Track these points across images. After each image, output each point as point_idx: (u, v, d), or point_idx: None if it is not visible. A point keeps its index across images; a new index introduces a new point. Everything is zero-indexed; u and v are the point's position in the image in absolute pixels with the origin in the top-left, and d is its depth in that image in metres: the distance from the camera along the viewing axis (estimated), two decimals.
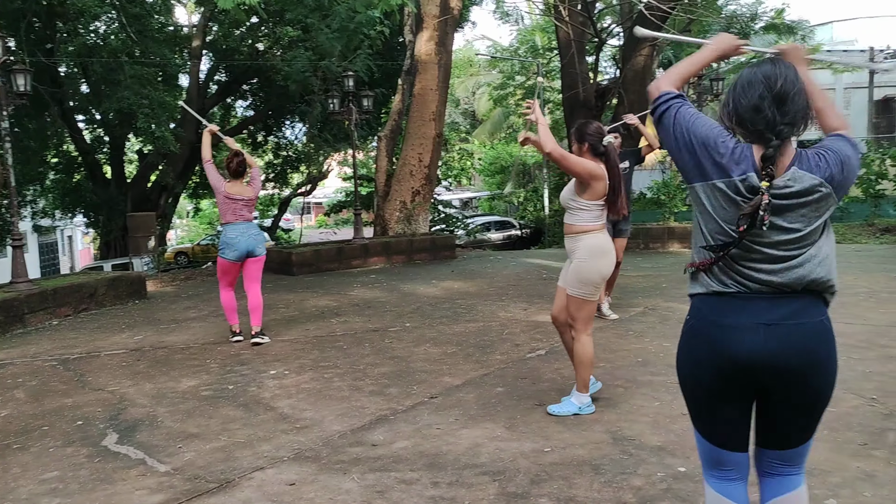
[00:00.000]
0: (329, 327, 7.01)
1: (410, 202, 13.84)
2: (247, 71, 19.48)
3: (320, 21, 14.28)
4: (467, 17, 21.52)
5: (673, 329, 6.17)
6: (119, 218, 19.11)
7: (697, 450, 2.22)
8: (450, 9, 13.75)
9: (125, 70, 14.07)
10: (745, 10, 21.34)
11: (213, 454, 3.74)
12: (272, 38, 18.16)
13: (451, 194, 36.40)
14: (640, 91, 14.92)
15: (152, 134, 14.80)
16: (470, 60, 36.83)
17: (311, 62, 14.47)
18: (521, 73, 31.26)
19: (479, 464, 3.46)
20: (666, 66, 25.28)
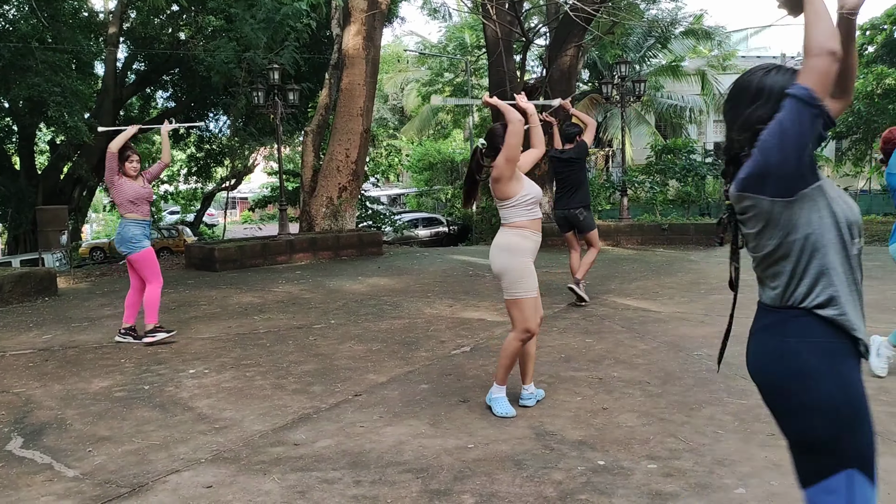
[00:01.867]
0: (252, 325, 6.86)
1: (337, 198, 13.70)
2: (167, 60, 18.86)
3: (245, 11, 13.95)
4: (396, 12, 21.41)
5: (595, 325, 6.31)
6: (28, 211, 18.17)
7: None
8: (378, 3, 13.66)
9: (36, 56, 13.39)
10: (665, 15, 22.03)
11: (126, 457, 3.60)
12: (194, 27, 17.62)
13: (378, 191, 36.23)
14: (566, 90, 15.19)
15: (65, 123, 14.13)
16: (399, 56, 36.73)
17: (236, 53, 14.12)
18: (449, 70, 31.39)
19: (403, 461, 3.45)
20: (591, 66, 25.84)
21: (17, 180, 18.96)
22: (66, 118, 13.98)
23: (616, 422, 3.87)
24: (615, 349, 5.45)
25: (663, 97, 27.11)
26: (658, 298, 7.50)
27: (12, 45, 13.59)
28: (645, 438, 3.61)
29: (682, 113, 27.44)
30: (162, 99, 23.83)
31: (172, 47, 18.00)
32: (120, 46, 18.16)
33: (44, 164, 21.77)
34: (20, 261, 16.46)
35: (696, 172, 15.57)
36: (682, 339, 5.66)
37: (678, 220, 14.00)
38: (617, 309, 7.02)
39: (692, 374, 4.70)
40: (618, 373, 4.80)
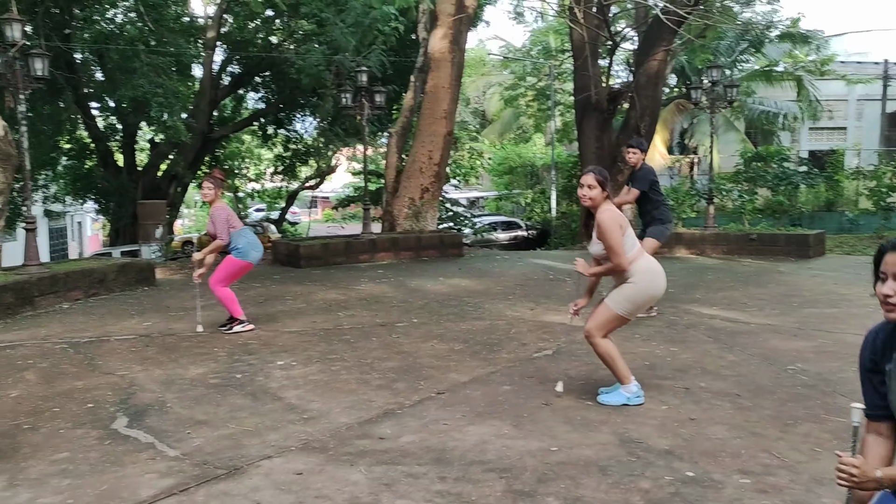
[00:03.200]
0: (336, 320, 7.03)
1: (419, 199, 13.85)
2: (260, 63, 19.50)
3: (335, 15, 14.29)
4: (481, 16, 21.48)
5: (680, 334, 6.17)
6: (129, 205, 19.16)
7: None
8: (465, 7, 13.75)
9: (141, 58, 14.11)
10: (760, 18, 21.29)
11: (222, 441, 3.77)
12: (287, 32, 18.18)
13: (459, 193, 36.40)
14: (653, 96, 14.91)
15: (164, 123, 14.83)
16: (482, 60, 36.81)
17: (325, 56, 14.49)
18: (532, 75, 31.25)
19: (486, 460, 3.47)
20: (678, 71, 25.24)
21: (119, 176, 20.01)
22: (165, 118, 14.66)
23: (705, 433, 3.78)
24: (702, 359, 5.32)
25: (755, 103, 26.17)
26: (746, 309, 7.27)
27: (119, 48, 14.36)
28: (736, 452, 3.51)
29: (775, 119, 26.41)
30: (253, 100, 24.65)
31: (265, 50, 18.62)
32: (217, 50, 18.91)
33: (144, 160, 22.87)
34: (120, 252, 17.38)
35: (790, 181, 14.99)
36: (773, 353, 5.47)
37: (768, 229, 13.51)
38: (702, 318, 6.84)
39: (786, 388, 4.54)
40: (705, 383, 4.69)
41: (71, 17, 15.44)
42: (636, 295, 4.16)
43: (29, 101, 8.56)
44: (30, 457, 3.60)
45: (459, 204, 24.06)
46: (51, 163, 19.79)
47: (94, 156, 21.29)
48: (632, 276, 4.14)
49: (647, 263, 4.21)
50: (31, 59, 8.18)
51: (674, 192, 17.68)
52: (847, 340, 5.69)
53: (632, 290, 4.15)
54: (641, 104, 14.38)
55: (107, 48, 14.89)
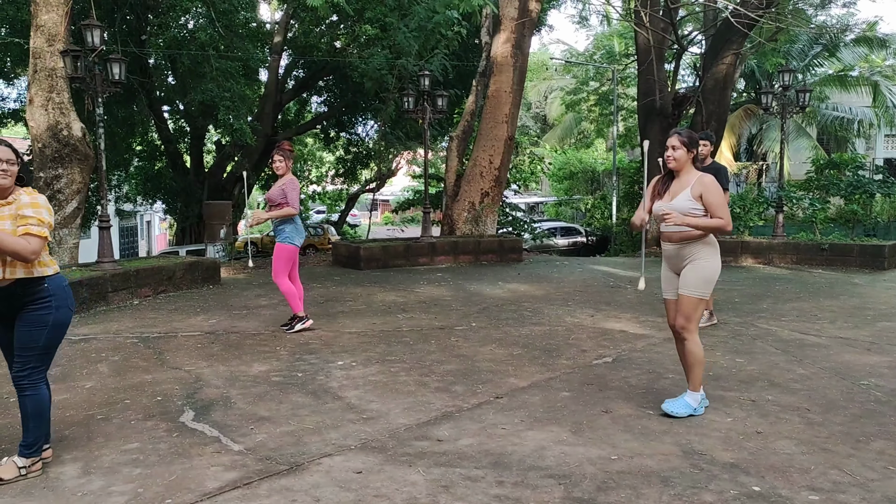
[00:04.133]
0: (395, 322, 7.08)
1: (479, 203, 13.87)
2: (324, 67, 19.88)
3: (399, 20, 14.45)
4: (544, 20, 21.40)
5: (746, 345, 6.00)
6: (195, 205, 19.78)
7: None
8: (528, 11, 13.72)
9: (211, 63, 14.56)
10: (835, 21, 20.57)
11: (284, 438, 3.84)
12: (350, 36, 18.46)
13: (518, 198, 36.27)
14: (720, 100, 14.57)
15: (231, 126, 15.26)
16: (544, 64, 36.65)
17: (388, 60, 14.66)
18: (595, 79, 30.93)
19: (545, 466, 3.44)
20: (747, 76, 24.59)
21: (186, 176, 20.67)
22: (232, 121, 15.08)
23: (772, 447, 3.67)
24: (769, 371, 5.16)
25: (828, 108, 25.29)
26: (817, 322, 7.02)
27: (192, 53, 14.84)
28: (805, 468, 3.39)
29: (849, 126, 25.47)
30: (316, 104, 25.13)
31: (329, 55, 18.96)
32: (282, 54, 19.35)
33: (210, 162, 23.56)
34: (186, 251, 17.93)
35: (865, 190, 14.41)
36: (845, 367, 5.26)
37: (841, 239, 13.02)
38: (770, 330, 6.63)
39: (858, 404, 4.37)
40: (772, 396, 4.55)
41: (146, 23, 16.05)
42: (712, 273, 4.14)
43: (106, 104, 8.92)
44: (102, 446, 3.74)
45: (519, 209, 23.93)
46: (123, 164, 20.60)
47: (163, 157, 22.06)
48: (699, 254, 4.12)
49: (712, 239, 4.22)
50: (109, 64, 8.52)
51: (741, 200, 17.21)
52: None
53: (706, 268, 4.12)
54: (708, 109, 14.07)
55: (179, 53, 15.41)
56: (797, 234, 13.60)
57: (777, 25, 14.24)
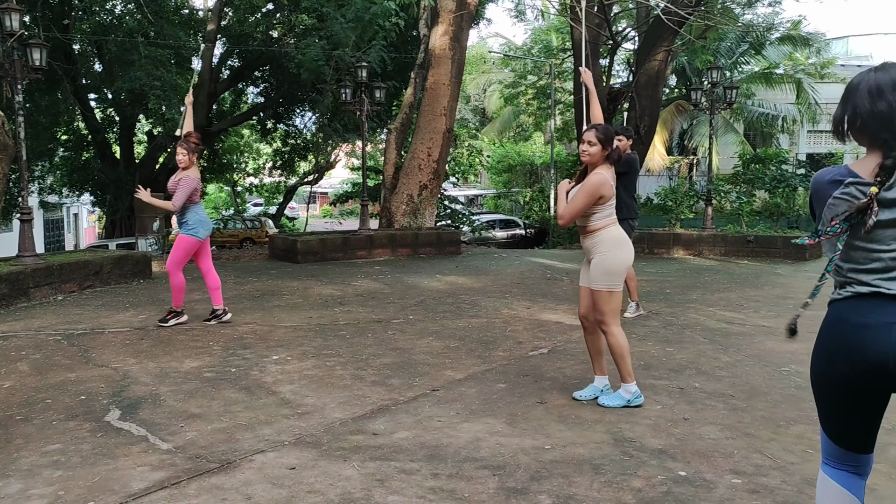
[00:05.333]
0: (332, 316, 7.02)
1: (417, 196, 13.85)
2: (260, 57, 19.49)
3: (336, 10, 14.27)
4: (482, 13, 21.48)
5: (676, 334, 6.18)
6: (126, 198, 19.15)
7: (821, 438, 2.19)
8: (466, 4, 13.74)
9: (140, 50, 14.09)
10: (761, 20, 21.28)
11: (215, 435, 3.76)
12: (287, 26, 18.17)
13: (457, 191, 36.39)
14: (652, 96, 14.91)
15: (163, 116, 14.83)
16: (483, 57, 36.78)
17: (325, 51, 14.47)
18: (533, 73, 31.23)
19: (480, 458, 3.47)
20: (679, 72, 25.24)
21: (116, 168, 19.99)
22: (164, 110, 14.65)
23: (698, 433, 3.78)
24: (697, 359, 5.32)
25: (754, 105, 26.18)
26: (742, 311, 7.27)
27: (118, 40, 14.33)
28: (729, 452, 3.51)
29: (774, 122, 26.43)
30: (252, 94, 24.64)
31: (265, 44, 18.60)
32: (217, 43, 18.88)
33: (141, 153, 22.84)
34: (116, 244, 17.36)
35: (788, 184, 15.00)
36: (768, 354, 5.47)
37: (765, 231, 13.52)
38: (699, 319, 6.84)
39: (779, 390, 4.55)
40: (699, 384, 4.69)
41: (70, 7, 15.40)
42: (614, 265, 4.15)
43: (27, 91, 8.56)
44: (22, 448, 3.59)
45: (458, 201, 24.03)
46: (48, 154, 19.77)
47: (91, 147, 21.28)
48: (604, 248, 4.15)
49: (613, 233, 4.19)
50: (29, 50, 8.15)
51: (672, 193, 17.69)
52: None
53: (608, 261, 4.14)
54: (641, 104, 14.38)
55: (105, 40, 14.86)
56: (725, 227, 14.07)
57: (706, 24, 14.66)
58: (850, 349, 1.95)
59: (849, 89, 2.04)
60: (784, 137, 28.29)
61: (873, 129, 1.96)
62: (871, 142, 1.99)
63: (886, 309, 1.93)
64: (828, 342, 2.03)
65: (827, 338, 2.03)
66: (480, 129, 36.81)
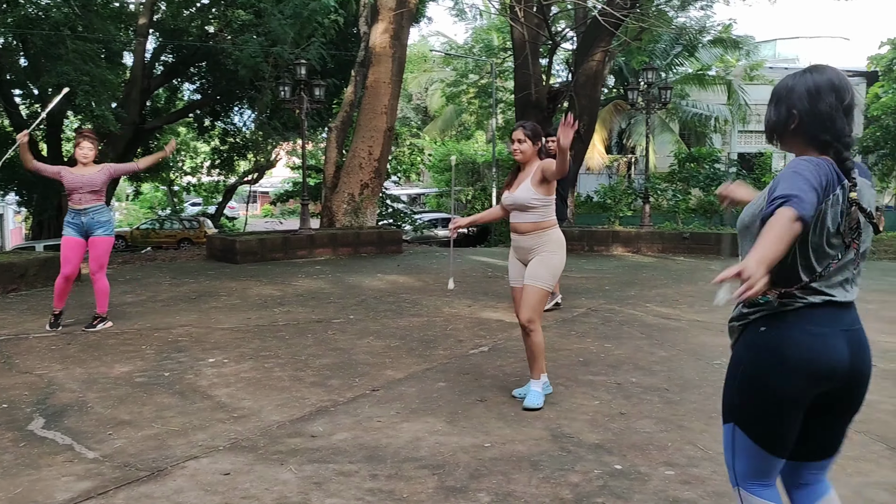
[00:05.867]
0: (271, 317, 6.90)
1: (359, 195, 13.74)
2: (195, 53, 19.01)
3: (273, 6, 14.03)
4: (423, 12, 21.46)
5: (614, 330, 6.28)
6: (54, 197, 18.39)
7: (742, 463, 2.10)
8: (406, 2, 13.70)
9: (66, 44, 13.56)
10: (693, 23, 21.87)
11: (145, 442, 3.64)
12: (223, 21, 17.75)
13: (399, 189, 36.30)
14: (591, 95, 15.15)
15: (92, 112, 14.29)
16: (424, 56, 36.78)
17: (263, 48, 14.20)
18: (474, 72, 31.38)
19: (419, 457, 3.45)
20: (616, 72, 25.73)
21: None
22: (93, 107, 14.13)
23: (634, 427, 3.85)
24: (634, 355, 5.42)
25: (688, 105, 26.91)
26: (678, 306, 7.45)
27: (44, 33, 13.77)
28: (663, 445, 3.58)
29: (707, 122, 27.23)
30: (188, 91, 24.04)
31: (201, 40, 18.16)
32: (149, 37, 18.34)
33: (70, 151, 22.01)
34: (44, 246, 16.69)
35: (721, 182, 15.43)
36: (701, 348, 5.62)
37: (700, 228, 13.90)
38: (636, 315, 6.98)
39: (711, 382, 4.66)
40: (636, 378, 4.78)
41: None
42: (558, 266, 4.21)
43: None
44: None
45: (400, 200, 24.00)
46: None
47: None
48: (544, 245, 4.18)
49: (559, 233, 4.27)
50: None
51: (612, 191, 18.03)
52: None
53: (554, 261, 4.18)
54: (580, 104, 14.58)
55: (31, 33, 14.25)
56: (662, 224, 14.41)
57: (641, 25, 14.97)
58: (811, 358, 1.93)
59: (781, 92, 2.03)
60: (717, 137, 29.17)
61: (813, 131, 1.95)
62: (807, 144, 1.97)
63: (838, 316, 1.96)
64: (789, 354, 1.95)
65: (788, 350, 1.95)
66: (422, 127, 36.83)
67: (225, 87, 19.78)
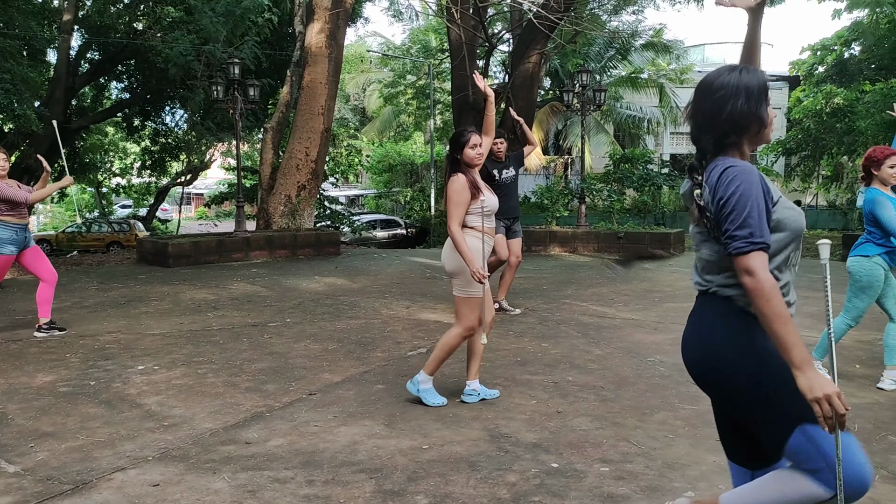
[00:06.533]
0: (205, 321, 6.73)
1: (296, 196, 13.56)
2: (123, 50, 18.41)
3: (204, 3, 13.71)
4: (360, 12, 21.33)
5: (551, 330, 6.35)
6: None
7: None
8: (342, 2, 13.58)
9: None
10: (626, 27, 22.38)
11: (70, 454, 3.49)
12: (152, 18, 17.25)
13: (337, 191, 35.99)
14: (528, 97, 15.32)
15: (13, 111, 13.68)
16: (361, 56, 36.56)
17: (194, 46, 13.85)
18: (412, 73, 31.36)
19: (357, 461, 3.41)
20: (552, 74, 26.12)
21: None
22: (14, 106, 13.53)
23: (570, 425, 3.90)
24: (570, 354, 5.49)
25: (622, 107, 27.52)
26: (613, 305, 7.60)
27: None
28: (598, 442, 3.64)
29: (640, 124, 27.90)
30: (116, 90, 23.29)
31: (128, 37, 17.59)
32: (74, 34, 17.68)
33: None
34: None
35: (653, 182, 15.84)
36: (636, 346, 5.73)
37: (634, 228, 14.22)
38: (573, 314, 7.08)
39: (645, 379, 4.76)
40: (573, 377, 4.84)
41: None
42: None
43: None
44: None
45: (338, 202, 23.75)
46: None
47: None
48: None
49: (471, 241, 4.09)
50: None
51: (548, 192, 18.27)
52: None
53: None
54: (517, 105, 14.70)
55: None
56: (598, 224, 14.68)
57: (575, 29, 15.21)
58: None
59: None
60: (650, 138, 29.92)
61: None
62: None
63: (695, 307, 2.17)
64: None
65: None
66: (360, 128, 36.59)
67: (155, 86, 19.23)
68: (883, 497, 2.99)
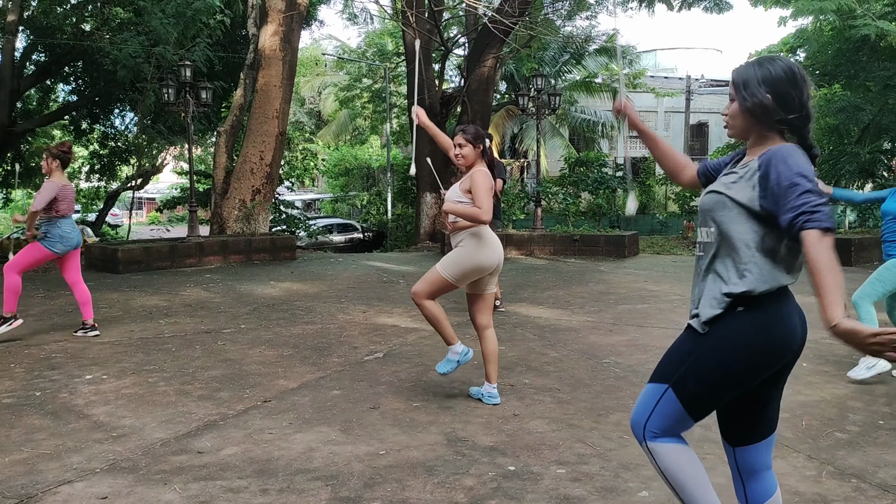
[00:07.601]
0: (157, 328, 6.59)
1: (250, 201, 13.38)
2: (70, 52, 17.92)
3: (154, 4, 13.43)
4: (315, 14, 21.16)
5: (508, 333, 6.38)
6: None
7: (657, 422, 2.17)
8: (296, 4, 13.47)
9: None
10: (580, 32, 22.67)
11: (13, 467, 3.37)
12: (100, 19, 16.83)
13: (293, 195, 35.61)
14: (483, 100, 15.39)
15: None
16: (316, 59, 36.29)
17: (144, 48, 13.57)
18: (368, 76, 31.24)
19: (312, 469, 3.37)
20: (508, 79, 26.30)
21: None
22: None
23: (527, 428, 3.91)
24: (527, 356, 5.52)
25: (577, 111, 27.84)
26: (569, 307, 7.67)
27: None
28: (554, 444, 3.66)
29: (595, 128, 28.27)
30: (63, 92, 22.67)
31: (76, 38, 17.13)
32: (19, 35, 17.14)
33: None
34: None
35: (608, 185, 16.06)
36: (591, 348, 5.79)
37: (589, 231, 14.39)
38: (529, 317, 7.13)
39: (601, 381, 4.82)
40: (529, 380, 4.87)
41: None
42: (463, 260, 4.16)
43: None
44: None
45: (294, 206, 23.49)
46: None
47: None
48: (464, 241, 4.19)
49: (484, 232, 4.21)
50: None
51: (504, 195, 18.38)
52: (654, 334, 6.18)
53: (460, 254, 4.18)
54: (473, 108, 14.79)
55: None
56: (554, 227, 14.82)
57: (530, 33, 15.35)
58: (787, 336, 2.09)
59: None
60: (605, 142, 30.34)
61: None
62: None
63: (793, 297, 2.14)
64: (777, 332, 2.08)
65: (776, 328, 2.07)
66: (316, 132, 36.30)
67: (104, 89, 18.74)
68: (829, 492, 3.07)
